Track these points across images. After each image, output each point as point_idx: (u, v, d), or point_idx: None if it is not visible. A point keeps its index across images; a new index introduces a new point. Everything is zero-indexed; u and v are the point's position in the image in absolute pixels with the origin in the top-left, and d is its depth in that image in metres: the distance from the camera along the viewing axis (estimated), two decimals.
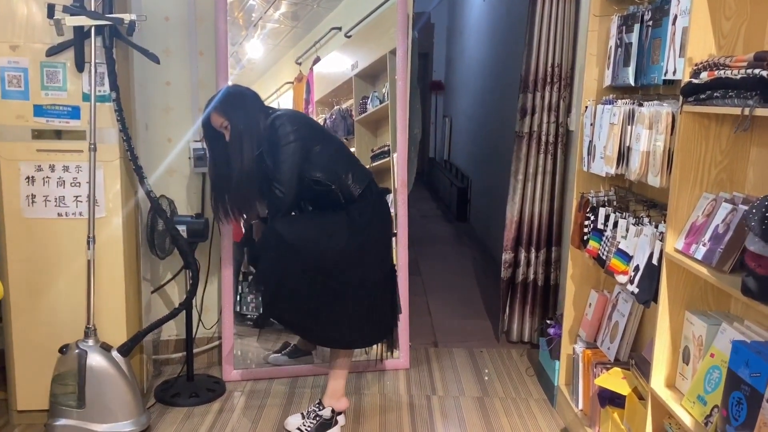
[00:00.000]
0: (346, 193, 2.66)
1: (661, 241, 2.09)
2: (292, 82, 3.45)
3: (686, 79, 1.88)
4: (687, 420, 1.85)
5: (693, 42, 1.86)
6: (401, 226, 3.45)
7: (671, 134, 2.01)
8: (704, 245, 1.82)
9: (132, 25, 2.51)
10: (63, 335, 2.72)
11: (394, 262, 3.08)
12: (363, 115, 3.51)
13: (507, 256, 3.87)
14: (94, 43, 2.53)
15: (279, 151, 2.58)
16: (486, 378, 3.40)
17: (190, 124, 3.30)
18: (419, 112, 3.74)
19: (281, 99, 3.25)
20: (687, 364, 1.99)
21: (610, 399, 2.49)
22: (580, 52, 3.53)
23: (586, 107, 2.77)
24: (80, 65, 2.57)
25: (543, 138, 3.69)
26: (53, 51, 2.54)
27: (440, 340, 3.95)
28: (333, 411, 2.79)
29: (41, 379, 2.74)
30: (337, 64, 3.46)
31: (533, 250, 3.81)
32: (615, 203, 2.66)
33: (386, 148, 3.55)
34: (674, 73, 2.06)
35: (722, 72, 1.71)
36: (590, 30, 2.76)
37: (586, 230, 2.74)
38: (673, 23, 2.06)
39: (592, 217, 2.70)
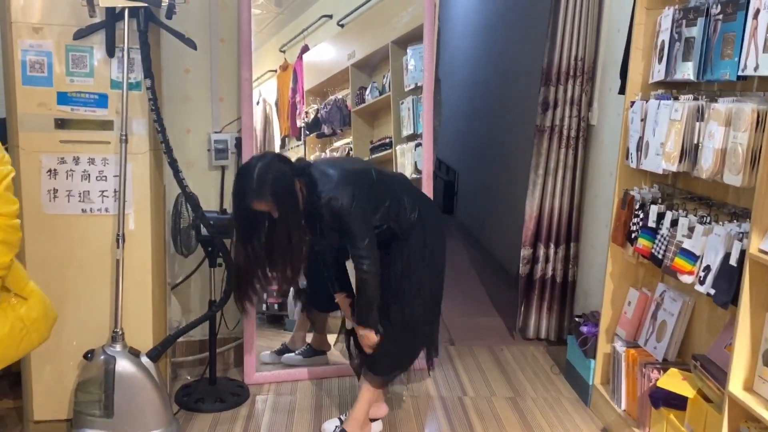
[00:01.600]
0: (401, 225, 2.54)
1: (740, 241, 2.04)
2: (276, 71, 3.31)
3: None
4: None
5: None
6: None
7: (756, 132, 1.95)
8: None
9: (171, 7, 2.34)
10: (85, 340, 2.55)
11: None
12: (361, 105, 3.40)
13: (525, 252, 3.81)
14: (127, 26, 2.34)
15: (346, 227, 2.38)
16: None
17: (209, 115, 3.14)
18: (440, 104, 3.64)
19: (262, 87, 3.11)
20: None
21: (664, 400, 2.45)
22: (603, 46, 3.50)
23: (633, 102, 2.71)
24: (111, 50, 2.39)
25: (565, 132, 3.64)
26: (82, 34, 2.35)
27: (456, 337, 3.88)
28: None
29: (60, 387, 2.57)
30: (331, 53, 3.34)
31: (552, 246, 3.76)
32: (668, 201, 2.61)
33: (387, 140, 3.45)
34: (756, 69, 2.00)
35: None
36: (637, 23, 2.70)
37: (633, 228, 2.69)
38: (755, 17, 2.00)
39: (641, 215, 2.65)
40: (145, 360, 2.52)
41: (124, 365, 2.48)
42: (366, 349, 2.57)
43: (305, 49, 3.31)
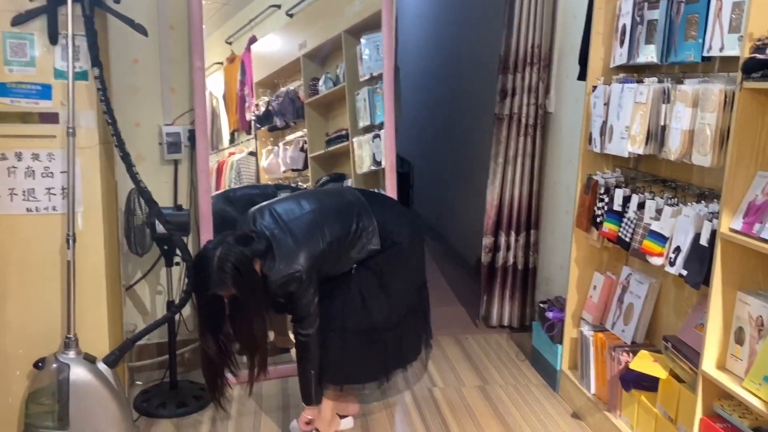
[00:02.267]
0: (364, 257, 2.47)
1: (710, 221, 2.05)
2: (222, 63, 3.22)
3: (746, 54, 1.84)
4: (754, 402, 1.83)
5: (754, 17, 1.82)
6: None
7: (723, 112, 1.96)
8: None
9: None
10: (34, 348, 2.39)
11: None
12: (314, 97, 3.33)
13: (487, 240, 3.80)
14: (71, 11, 2.19)
15: (296, 302, 2.34)
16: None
17: (160, 106, 2.99)
18: (399, 93, 3.59)
19: (208, 80, 3.01)
20: (741, 346, 1.97)
21: (635, 382, 2.47)
22: (559, 33, 3.50)
23: (594, 87, 2.71)
24: (54, 37, 2.23)
25: (523, 120, 3.63)
26: (20, 19, 2.19)
27: None
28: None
29: (8, 399, 2.40)
30: (281, 43, 3.26)
31: (513, 234, 3.76)
32: (632, 184, 2.62)
33: (343, 132, 3.39)
34: (721, 49, 2.01)
35: None
36: (597, 8, 2.70)
37: (598, 212, 2.69)
38: None
39: (606, 199, 2.65)
40: (101, 366, 2.38)
41: (78, 373, 2.33)
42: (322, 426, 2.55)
43: (253, 40, 3.21)
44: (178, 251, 2.60)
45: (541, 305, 3.26)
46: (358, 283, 2.46)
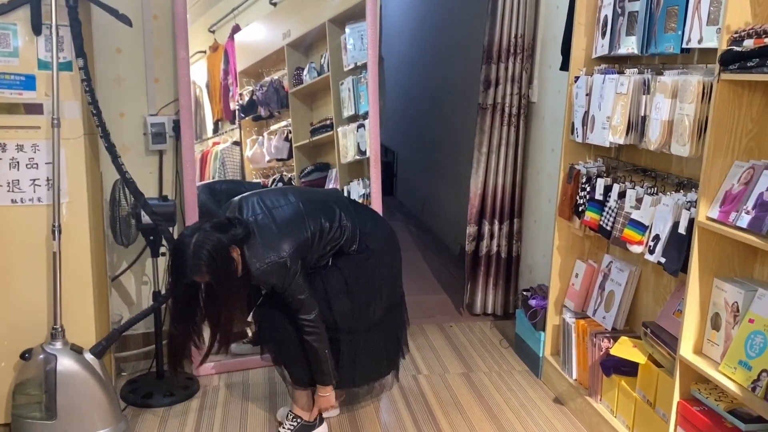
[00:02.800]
0: (345, 248, 2.47)
1: (688, 210, 2.10)
2: (205, 51, 3.21)
3: (723, 47, 1.88)
4: (730, 385, 1.89)
5: (731, 10, 1.86)
6: (375, 200, 3.32)
7: (701, 103, 2.00)
8: (747, 213, 1.84)
9: None
10: (20, 339, 2.40)
11: None
12: (299, 86, 3.33)
13: (471, 229, 3.84)
14: (55, 1, 2.18)
15: (286, 291, 2.32)
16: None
17: (144, 97, 2.98)
18: (384, 83, 3.60)
19: (191, 69, 3.00)
20: (717, 331, 2.03)
21: (615, 368, 2.52)
22: (542, 23, 3.53)
23: (577, 77, 2.74)
24: (37, 27, 2.22)
25: (507, 110, 3.66)
26: (3, 9, 2.18)
27: None
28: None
29: None
30: (264, 32, 3.25)
31: (497, 223, 3.81)
32: (613, 174, 2.67)
33: (328, 122, 3.40)
34: (699, 41, 2.05)
35: None
36: None
37: (580, 201, 2.74)
38: None
39: (588, 188, 2.69)
40: (88, 357, 2.39)
41: (66, 363, 2.34)
42: (328, 407, 2.55)
43: (236, 28, 3.20)
44: (163, 242, 2.61)
45: (524, 293, 3.31)
46: (323, 281, 2.44)
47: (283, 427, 2.55)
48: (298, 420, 2.55)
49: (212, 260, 2.16)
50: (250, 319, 2.58)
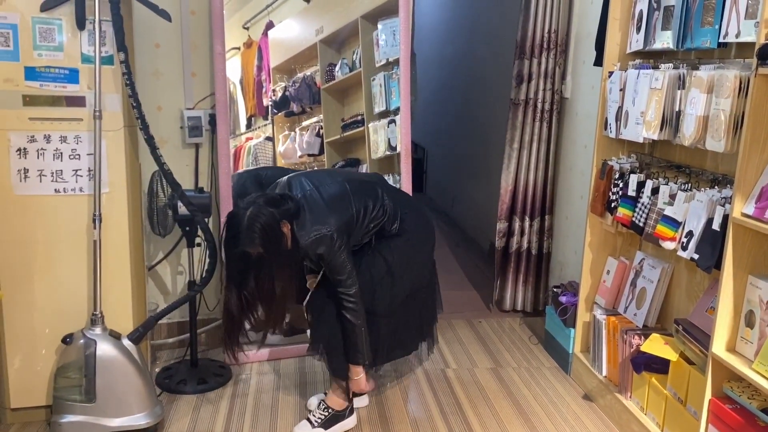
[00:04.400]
0: (385, 229, 2.55)
1: (722, 206, 2.08)
2: (239, 48, 3.25)
3: (762, 41, 1.86)
4: (764, 383, 1.87)
5: None
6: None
7: (738, 98, 1.98)
8: None
9: None
10: (62, 324, 2.47)
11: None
12: (331, 83, 3.36)
13: (501, 225, 3.84)
14: None
15: (330, 265, 2.39)
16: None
17: (181, 91, 3.05)
18: (416, 79, 3.62)
19: (227, 64, 3.05)
20: (751, 329, 2.01)
21: (645, 365, 2.51)
22: (576, 18, 3.51)
23: (611, 72, 2.73)
24: (81, 22, 2.29)
25: (539, 105, 3.65)
26: (49, 5, 2.25)
27: None
28: (350, 401, 2.66)
29: (36, 374, 2.50)
30: (298, 29, 3.28)
31: (527, 219, 3.80)
32: (647, 170, 2.65)
33: (359, 118, 3.42)
34: (737, 35, 2.03)
35: None
36: None
37: (613, 197, 2.72)
38: None
39: (620, 184, 2.68)
40: (126, 342, 2.45)
41: (105, 348, 2.41)
42: (360, 390, 2.57)
43: (270, 25, 3.24)
44: (199, 232, 2.66)
45: (555, 289, 3.31)
46: (369, 269, 2.52)
47: (313, 415, 2.59)
48: (330, 410, 2.59)
49: (265, 233, 2.25)
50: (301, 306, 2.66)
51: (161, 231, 2.76)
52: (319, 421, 2.57)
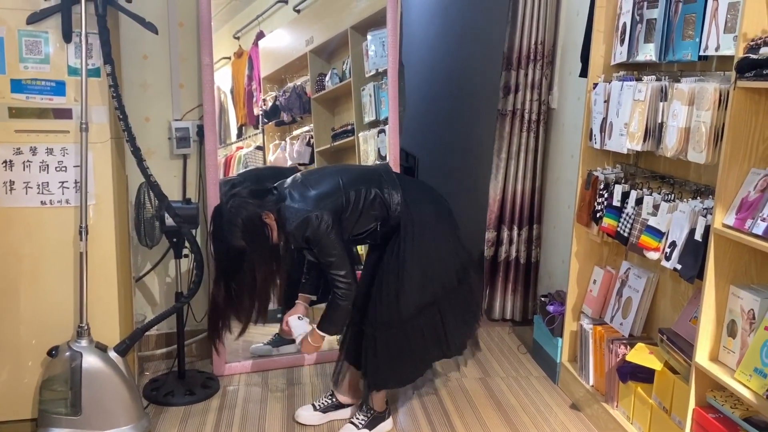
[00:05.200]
0: (388, 220, 2.48)
1: (704, 216, 2.10)
2: (230, 58, 3.27)
3: (740, 54, 1.88)
4: (745, 393, 1.88)
5: (748, 18, 1.86)
6: None
7: (718, 110, 2.01)
8: (763, 220, 1.84)
9: None
10: (48, 336, 2.46)
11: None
12: (321, 92, 3.38)
13: (490, 234, 3.86)
14: (84, 9, 2.25)
15: (319, 246, 2.36)
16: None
17: (169, 102, 3.05)
18: (404, 89, 3.64)
19: (216, 75, 3.07)
20: (733, 338, 2.03)
21: (631, 374, 2.52)
22: (562, 30, 3.54)
23: (596, 84, 2.75)
24: (68, 35, 2.29)
25: (526, 116, 3.68)
26: (35, 18, 2.26)
27: None
28: (387, 403, 2.71)
29: (22, 387, 2.49)
30: (288, 39, 3.30)
31: (515, 228, 3.82)
32: (631, 180, 2.67)
33: (349, 127, 3.44)
34: (717, 49, 2.06)
35: None
36: (598, 6, 2.74)
37: (598, 208, 2.74)
38: None
39: (606, 195, 2.70)
40: (113, 354, 2.45)
41: (91, 361, 2.40)
42: (307, 351, 2.56)
43: (260, 35, 3.26)
44: (186, 243, 2.67)
45: (542, 299, 3.32)
46: (396, 281, 2.45)
47: (356, 418, 2.63)
48: (372, 411, 2.63)
49: (245, 226, 2.28)
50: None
51: (148, 242, 2.76)
52: (364, 422, 2.62)
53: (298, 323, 2.54)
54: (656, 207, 2.38)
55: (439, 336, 2.58)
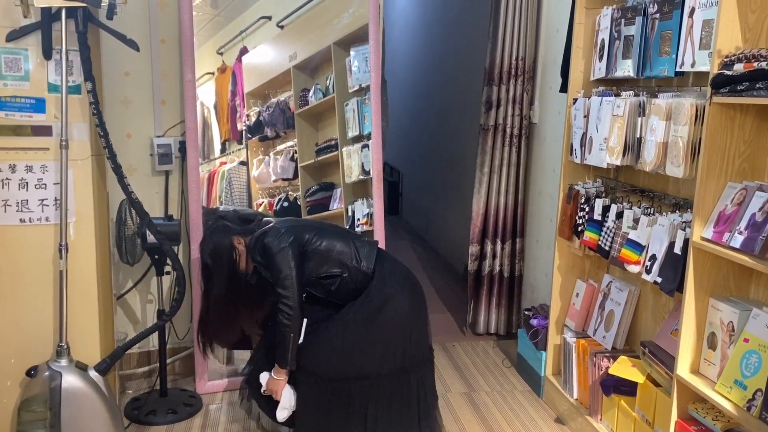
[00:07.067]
0: (357, 275, 2.43)
1: (683, 230, 2.13)
2: (213, 73, 3.28)
3: (715, 70, 1.92)
4: (726, 405, 1.90)
5: (722, 35, 1.90)
6: (377, 219, 3.36)
7: (695, 125, 2.04)
8: (740, 233, 1.87)
9: (111, 7, 2.25)
10: (27, 356, 2.42)
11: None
12: (304, 107, 3.39)
13: (473, 248, 3.87)
14: (65, 26, 2.25)
15: (272, 260, 2.35)
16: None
17: (151, 118, 3.05)
18: (387, 104, 3.66)
19: (200, 90, 3.07)
20: (713, 350, 2.04)
21: (614, 387, 2.53)
22: (542, 46, 3.59)
23: (575, 99, 2.79)
24: (47, 52, 2.28)
25: (508, 131, 3.71)
26: (15, 35, 2.24)
27: None
28: None
29: (1, 407, 2.44)
30: (272, 54, 3.31)
31: (499, 242, 3.83)
32: (612, 194, 2.70)
33: (333, 142, 3.45)
34: (692, 65, 2.09)
35: (762, 63, 1.75)
36: (577, 23, 2.78)
37: (579, 221, 2.76)
38: (690, 15, 2.09)
39: (587, 209, 2.72)
40: (93, 374, 2.41)
41: (71, 380, 2.37)
42: (274, 392, 2.43)
43: (244, 51, 3.27)
44: (168, 261, 2.65)
45: (526, 312, 3.33)
46: (342, 336, 2.39)
47: None
48: None
49: (214, 246, 2.47)
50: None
51: (129, 260, 2.74)
52: None
53: (264, 374, 2.47)
54: (636, 221, 2.40)
55: (361, 416, 2.40)
